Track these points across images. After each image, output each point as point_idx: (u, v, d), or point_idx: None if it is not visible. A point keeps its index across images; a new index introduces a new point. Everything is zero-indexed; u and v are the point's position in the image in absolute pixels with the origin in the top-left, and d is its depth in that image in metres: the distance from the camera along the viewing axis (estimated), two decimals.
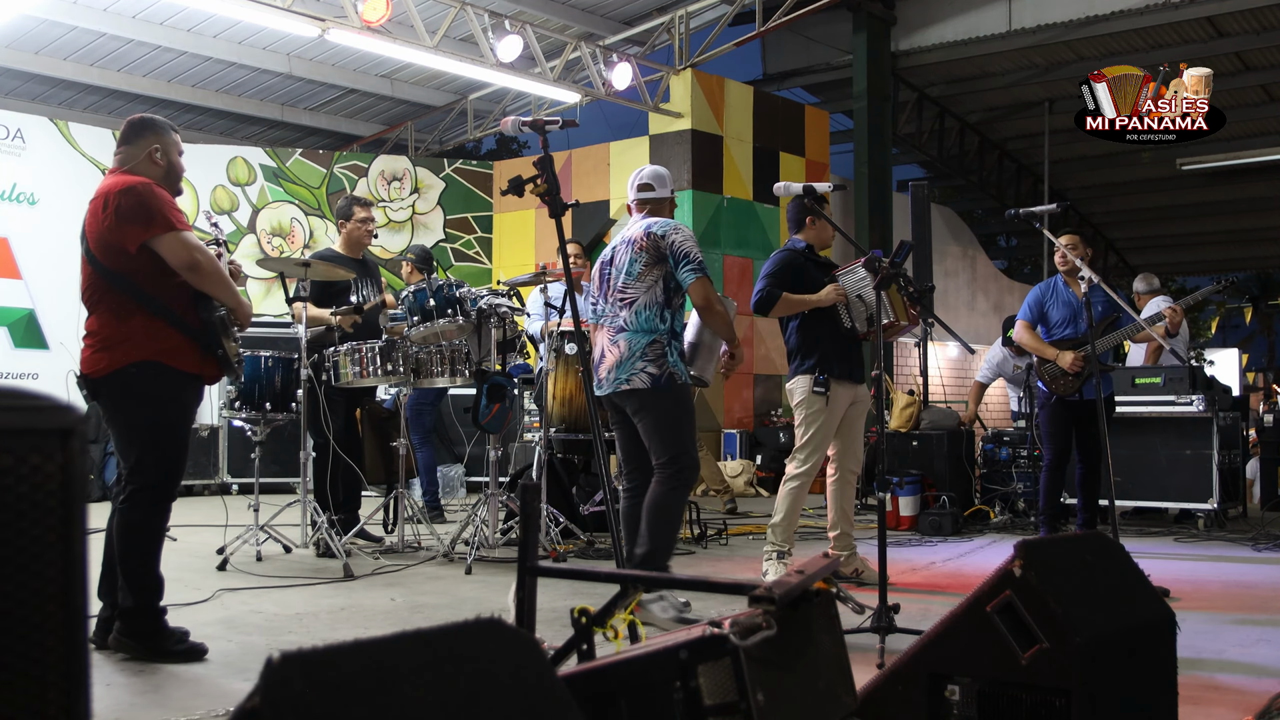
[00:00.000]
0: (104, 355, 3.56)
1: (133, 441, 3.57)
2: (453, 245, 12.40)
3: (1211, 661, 3.59)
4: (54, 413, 1.04)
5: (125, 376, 3.55)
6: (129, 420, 3.58)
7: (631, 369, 4.25)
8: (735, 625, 1.69)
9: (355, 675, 1.16)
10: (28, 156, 10.08)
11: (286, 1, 8.57)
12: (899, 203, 12.89)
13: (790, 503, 4.97)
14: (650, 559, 4.16)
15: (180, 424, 3.69)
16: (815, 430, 4.92)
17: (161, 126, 3.78)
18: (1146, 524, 7.71)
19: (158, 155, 3.72)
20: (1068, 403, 5.65)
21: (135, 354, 3.55)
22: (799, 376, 5.01)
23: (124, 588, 3.53)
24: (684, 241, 4.29)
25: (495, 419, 5.52)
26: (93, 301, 3.63)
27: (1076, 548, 2.44)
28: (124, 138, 3.75)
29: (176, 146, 3.79)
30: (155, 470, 3.57)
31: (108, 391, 3.57)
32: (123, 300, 3.57)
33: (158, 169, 3.71)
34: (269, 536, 5.60)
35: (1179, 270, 25.22)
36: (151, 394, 3.57)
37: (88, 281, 3.63)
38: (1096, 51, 13.12)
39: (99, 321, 3.60)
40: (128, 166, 3.68)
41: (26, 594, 1.01)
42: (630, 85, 10.68)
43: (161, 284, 3.59)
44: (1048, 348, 5.69)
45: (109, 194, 3.56)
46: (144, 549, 3.57)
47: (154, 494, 3.58)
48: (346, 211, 6.18)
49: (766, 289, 4.94)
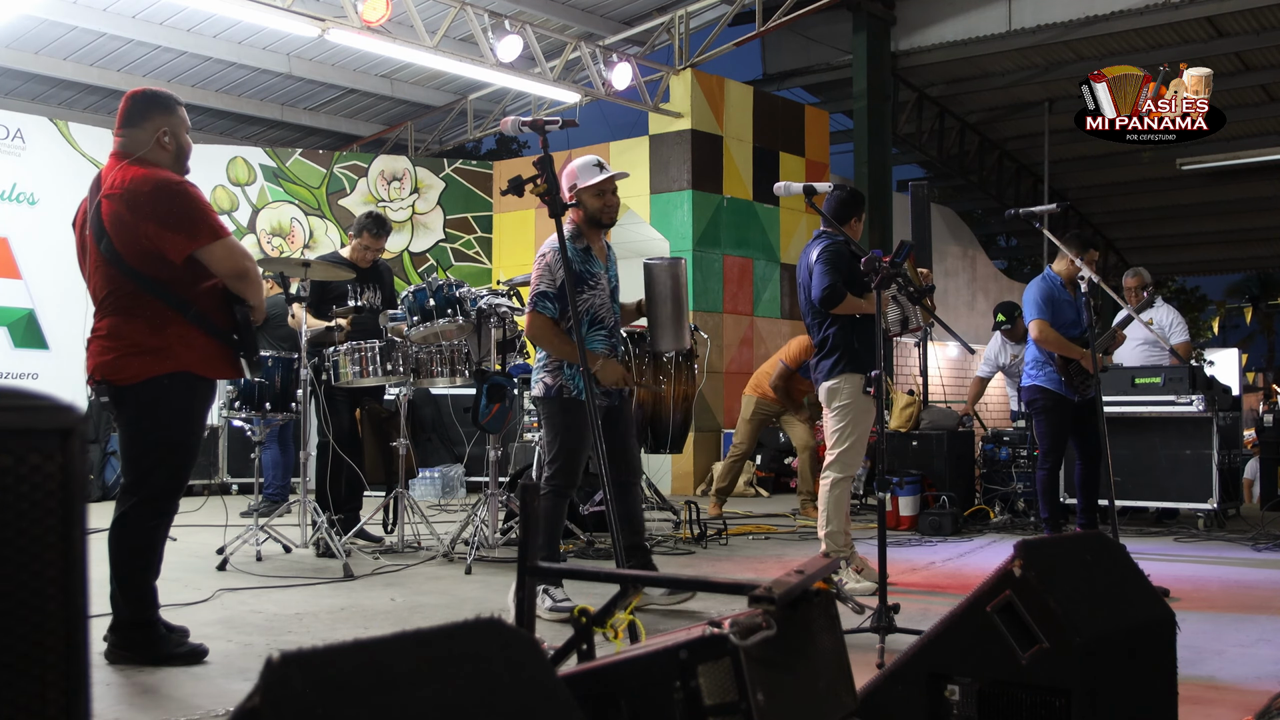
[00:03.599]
0: (134, 362, 3.38)
1: (148, 452, 3.43)
2: (453, 245, 12.40)
3: (1211, 661, 3.59)
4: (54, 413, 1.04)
5: (157, 388, 3.38)
6: (151, 432, 3.42)
7: (536, 376, 4.46)
8: (735, 625, 1.69)
9: (355, 675, 1.16)
10: (28, 156, 10.07)
11: (286, 1, 8.56)
12: (899, 203, 12.89)
13: (840, 508, 4.87)
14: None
15: (198, 438, 3.60)
16: (861, 431, 4.84)
17: (168, 102, 3.53)
18: (1133, 523, 7.70)
19: (166, 139, 3.48)
20: (1066, 403, 5.63)
21: (170, 364, 3.39)
22: (847, 375, 4.81)
23: (120, 598, 3.39)
24: (537, 269, 4.39)
25: (495, 419, 5.52)
26: (117, 305, 3.41)
27: (1076, 548, 2.44)
28: (127, 118, 3.46)
29: (185, 124, 3.56)
30: (166, 483, 3.46)
31: (136, 400, 3.40)
32: (157, 307, 3.39)
33: (167, 154, 3.48)
34: (269, 536, 5.61)
35: (1179, 270, 25.25)
36: (180, 408, 3.45)
37: (110, 284, 3.41)
38: (1096, 51, 13.12)
39: (127, 325, 3.39)
40: (138, 154, 3.43)
41: (26, 594, 1.01)
42: (630, 85, 10.68)
43: (196, 289, 3.44)
44: (1074, 346, 5.55)
45: (136, 193, 3.34)
46: (145, 560, 3.45)
47: (159, 506, 3.46)
48: (357, 229, 6.25)
49: (834, 284, 4.72)
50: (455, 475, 9.57)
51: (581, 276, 4.39)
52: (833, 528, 4.86)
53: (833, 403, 4.88)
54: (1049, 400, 5.67)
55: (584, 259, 4.42)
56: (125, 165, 3.43)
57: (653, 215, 10.95)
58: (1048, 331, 5.59)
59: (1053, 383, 5.66)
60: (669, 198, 10.87)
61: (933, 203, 11.98)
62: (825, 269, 4.76)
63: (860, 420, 4.84)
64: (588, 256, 4.44)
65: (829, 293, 4.72)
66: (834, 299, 4.73)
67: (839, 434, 4.86)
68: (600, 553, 5.83)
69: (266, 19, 8.88)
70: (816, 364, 4.98)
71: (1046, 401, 5.68)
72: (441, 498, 9.30)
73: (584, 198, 4.41)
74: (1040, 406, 5.71)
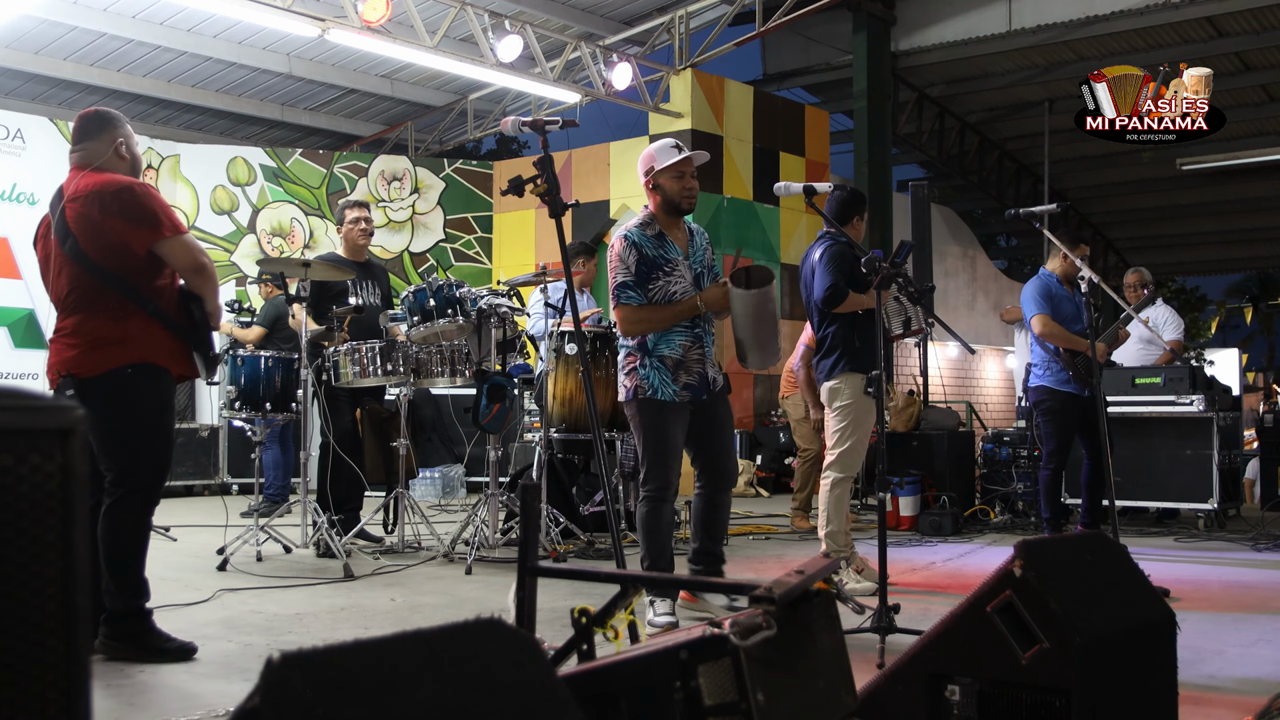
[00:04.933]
0: (95, 355, 3.52)
1: (125, 443, 3.53)
2: (453, 245, 12.40)
3: (1211, 661, 3.59)
4: (54, 413, 1.04)
5: (120, 378, 3.52)
6: (122, 422, 3.53)
7: (620, 380, 4.25)
8: (735, 625, 1.69)
9: (355, 675, 1.16)
10: (28, 156, 10.07)
11: (286, 1, 8.57)
12: (899, 203, 12.89)
13: (840, 508, 4.87)
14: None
15: (171, 424, 3.73)
16: (861, 431, 4.84)
17: (120, 119, 3.74)
18: (1133, 523, 7.70)
19: (123, 149, 3.69)
20: (1073, 404, 5.59)
21: (132, 355, 3.53)
22: (847, 375, 4.81)
23: (113, 591, 3.50)
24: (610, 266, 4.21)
25: (495, 419, 5.52)
26: (80, 302, 3.56)
27: (1076, 548, 2.44)
28: (83, 133, 3.69)
29: (133, 138, 3.78)
30: (149, 472, 3.58)
31: (99, 392, 3.51)
32: (120, 301, 3.54)
33: (125, 163, 3.68)
34: (269, 537, 5.60)
35: (1179, 270, 25.25)
36: (148, 396, 3.57)
37: (73, 281, 3.57)
38: (1096, 51, 13.12)
39: (90, 322, 3.55)
40: (97, 163, 3.63)
41: (26, 594, 1.01)
42: (630, 85, 10.68)
43: (154, 285, 3.59)
44: (1078, 339, 5.53)
45: (102, 194, 3.52)
46: (135, 551, 3.57)
47: (145, 496, 3.58)
48: (339, 215, 6.32)
49: (836, 283, 4.71)
50: (455, 475, 9.57)
51: (655, 262, 4.15)
52: (833, 527, 4.86)
53: (834, 403, 4.88)
54: (1055, 401, 5.64)
55: (657, 245, 4.18)
56: (86, 174, 3.61)
57: None
58: (1050, 325, 5.56)
59: (1059, 383, 5.63)
60: None
61: (933, 203, 11.98)
62: (827, 269, 4.75)
63: (861, 421, 4.83)
64: (661, 242, 4.19)
65: (831, 292, 4.71)
66: (836, 298, 4.73)
67: (839, 434, 4.86)
68: (600, 553, 5.83)
69: (266, 19, 8.88)
70: (818, 364, 4.98)
71: (1053, 402, 5.65)
72: (442, 498, 9.30)
73: (662, 180, 4.18)
74: (1047, 407, 5.69)
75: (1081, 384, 5.54)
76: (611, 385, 6.06)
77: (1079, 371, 5.54)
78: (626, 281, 4.11)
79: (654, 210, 4.25)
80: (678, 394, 4.12)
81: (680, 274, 4.19)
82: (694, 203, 4.25)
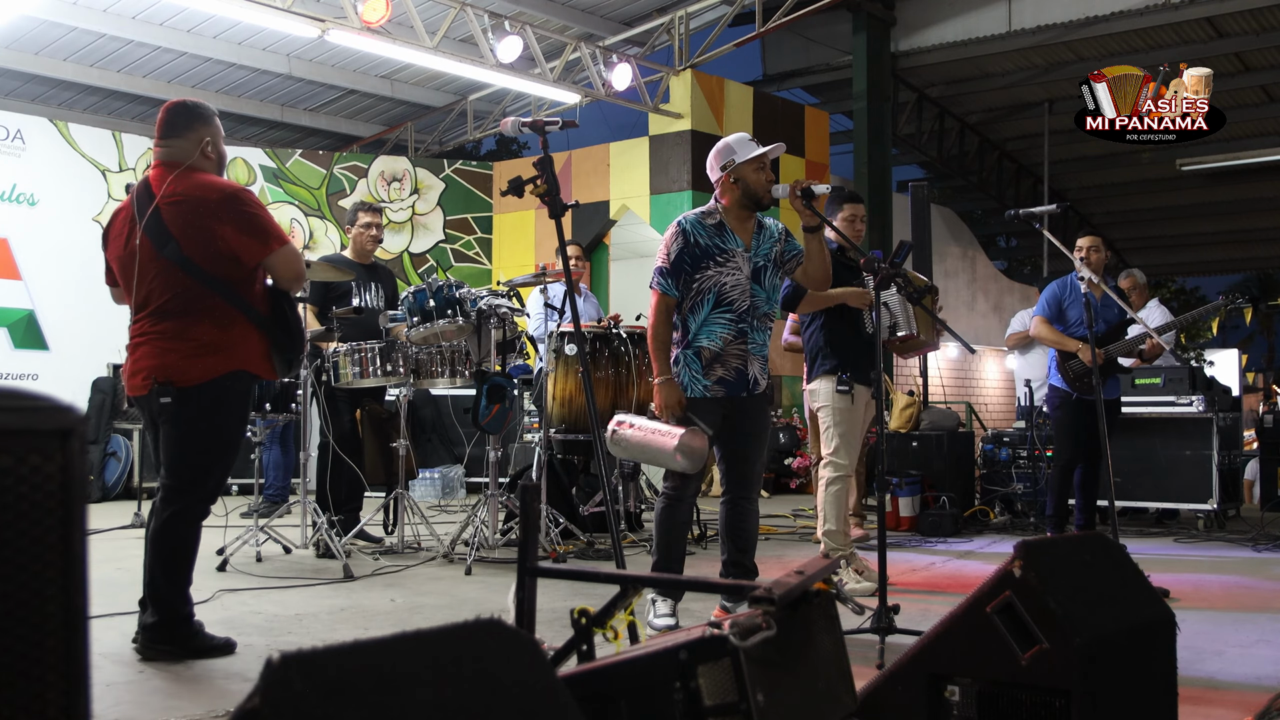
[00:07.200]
0: (199, 363, 3.46)
1: (207, 451, 3.53)
2: (453, 246, 12.40)
3: (1211, 661, 3.59)
4: (54, 413, 1.04)
5: (219, 388, 3.49)
6: (211, 432, 3.51)
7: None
8: (735, 625, 1.69)
9: (355, 676, 1.16)
10: (28, 157, 10.07)
11: (286, 2, 8.56)
12: (899, 203, 12.88)
13: (837, 507, 4.91)
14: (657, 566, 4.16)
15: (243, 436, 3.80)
16: (847, 430, 4.90)
17: (207, 114, 3.65)
18: (1133, 524, 7.70)
19: (209, 149, 3.61)
20: (1081, 404, 5.61)
21: (232, 363, 3.51)
22: (821, 378, 4.97)
23: (168, 596, 3.50)
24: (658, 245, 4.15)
25: (495, 419, 5.52)
26: (184, 306, 3.48)
27: (1076, 548, 2.44)
28: (170, 128, 3.59)
29: (221, 133, 3.70)
30: (218, 480, 3.60)
31: (198, 401, 3.46)
32: (224, 308, 3.50)
33: (211, 162, 3.62)
34: (269, 537, 5.60)
35: (1179, 270, 25.26)
36: (239, 405, 3.61)
37: (174, 287, 3.48)
38: (1096, 52, 13.12)
39: (195, 327, 3.48)
40: (186, 163, 3.54)
41: (26, 594, 1.01)
42: (630, 86, 10.67)
43: (255, 291, 3.59)
44: (1070, 341, 5.60)
45: (206, 200, 3.46)
46: (192, 556, 3.60)
47: (208, 503, 3.60)
48: (351, 216, 6.31)
49: (794, 285, 4.78)
50: (455, 476, 9.57)
51: (708, 251, 4.00)
52: (831, 527, 4.89)
53: (814, 404, 5.05)
54: (1062, 400, 5.74)
55: (713, 234, 4.03)
56: (179, 174, 3.53)
57: (653, 216, 10.95)
58: (1041, 329, 5.75)
59: (1067, 383, 5.72)
60: (669, 198, 10.86)
61: (933, 203, 11.98)
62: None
63: (843, 419, 4.90)
64: (720, 232, 4.04)
65: (783, 296, 4.81)
66: (789, 302, 4.89)
67: (826, 434, 4.97)
68: (600, 553, 5.83)
69: (266, 20, 8.88)
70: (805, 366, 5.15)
71: (1062, 402, 5.75)
72: (441, 498, 9.30)
73: (745, 172, 4.07)
74: (1055, 405, 5.81)
75: (1073, 387, 5.60)
76: (611, 385, 6.07)
77: (1069, 375, 5.61)
78: (663, 268, 4.03)
79: (727, 204, 4.11)
80: (708, 389, 3.99)
81: (735, 265, 4.02)
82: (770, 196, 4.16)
